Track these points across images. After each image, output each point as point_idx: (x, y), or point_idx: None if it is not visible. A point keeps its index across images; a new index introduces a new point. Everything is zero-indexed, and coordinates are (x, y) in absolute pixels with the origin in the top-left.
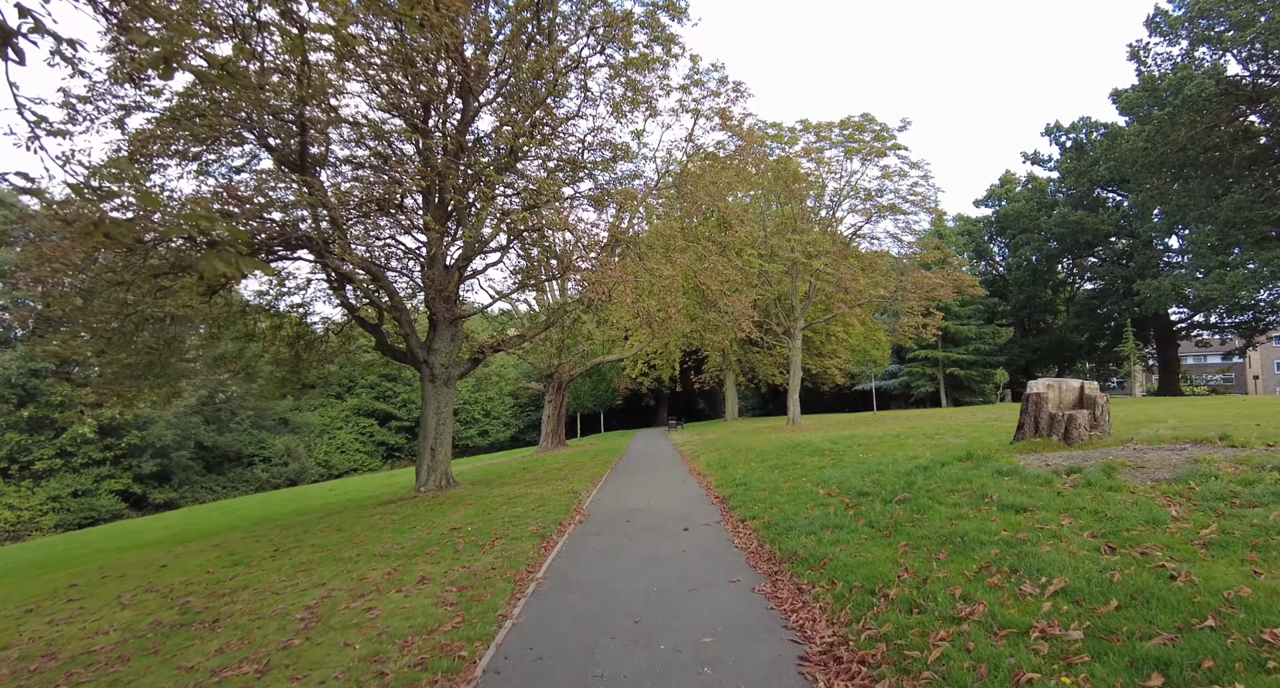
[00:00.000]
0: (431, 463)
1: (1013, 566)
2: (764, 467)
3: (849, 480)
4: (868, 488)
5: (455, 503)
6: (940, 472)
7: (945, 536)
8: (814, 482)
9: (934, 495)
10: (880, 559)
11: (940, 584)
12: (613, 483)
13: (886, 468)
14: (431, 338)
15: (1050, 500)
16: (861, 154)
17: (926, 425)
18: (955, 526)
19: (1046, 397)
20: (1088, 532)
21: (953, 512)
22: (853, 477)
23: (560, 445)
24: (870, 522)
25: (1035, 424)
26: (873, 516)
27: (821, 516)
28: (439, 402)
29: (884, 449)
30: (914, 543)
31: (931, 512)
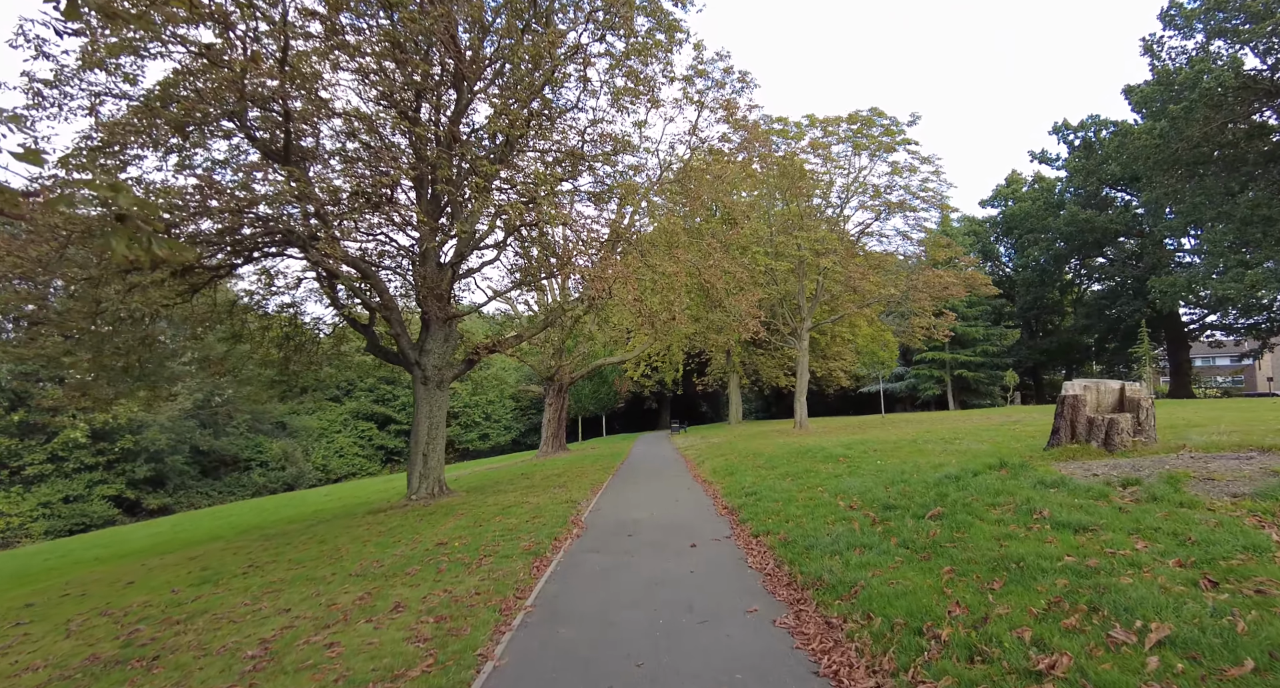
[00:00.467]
0: (423, 470)
1: (1091, 602)
2: (774, 474)
3: (871, 491)
4: (894, 500)
5: (446, 513)
6: (974, 482)
7: (996, 560)
8: (831, 492)
9: (973, 510)
10: (922, 588)
11: (1003, 624)
12: (614, 491)
13: (911, 477)
14: (424, 338)
15: (1113, 518)
16: (870, 150)
17: (942, 429)
18: (1006, 547)
19: (1084, 399)
20: (1173, 559)
21: (999, 530)
22: (875, 487)
23: (561, 450)
24: (904, 541)
25: (1072, 429)
26: (905, 533)
27: (845, 532)
28: (431, 405)
29: (902, 455)
30: (959, 568)
31: (974, 530)
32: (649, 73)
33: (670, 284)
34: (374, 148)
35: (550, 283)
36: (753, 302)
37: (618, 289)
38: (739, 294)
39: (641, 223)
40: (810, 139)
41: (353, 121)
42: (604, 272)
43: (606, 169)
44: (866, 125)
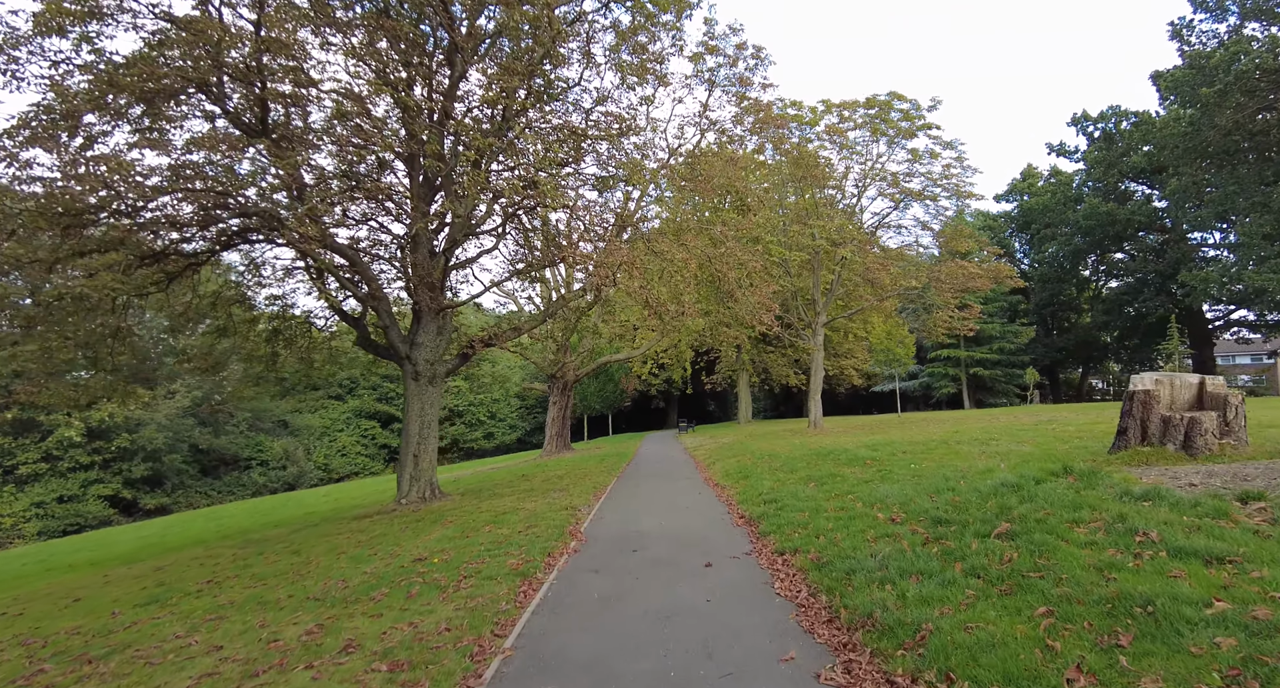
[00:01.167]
0: (414, 472)
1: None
2: (795, 479)
3: (914, 501)
4: (945, 513)
5: (434, 520)
6: (1039, 492)
7: (1108, 600)
8: (865, 501)
9: (1050, 528)
10: (1013, 638)
11: None
12: (618, 496)
13: (957, 484)
14: (415, 331)
15: (1255, 546)
16: (889, 136)
17: (970, 429)
18: (1115, 582)
19: (1157, 395)
20: None
21: (1095, 557)
22: (916, 495)
23: (565, 449)
24: (972, 567)
25: (1142, 429)
26: (970, 557)
27: (894, 554)
28: (423, 402)
29: (937, 458)
30: (1059, 609)
31: (1060, 554)
32: (656, 49)
33: (679, 272)
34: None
35: (553, 275)
36: (767, 293)
37: (622, 278)
38: (752, 286)
39: (649, 210)
40: (826, 124)
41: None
42: (607, 258)
43: (610, 151)
44: (885, 110)
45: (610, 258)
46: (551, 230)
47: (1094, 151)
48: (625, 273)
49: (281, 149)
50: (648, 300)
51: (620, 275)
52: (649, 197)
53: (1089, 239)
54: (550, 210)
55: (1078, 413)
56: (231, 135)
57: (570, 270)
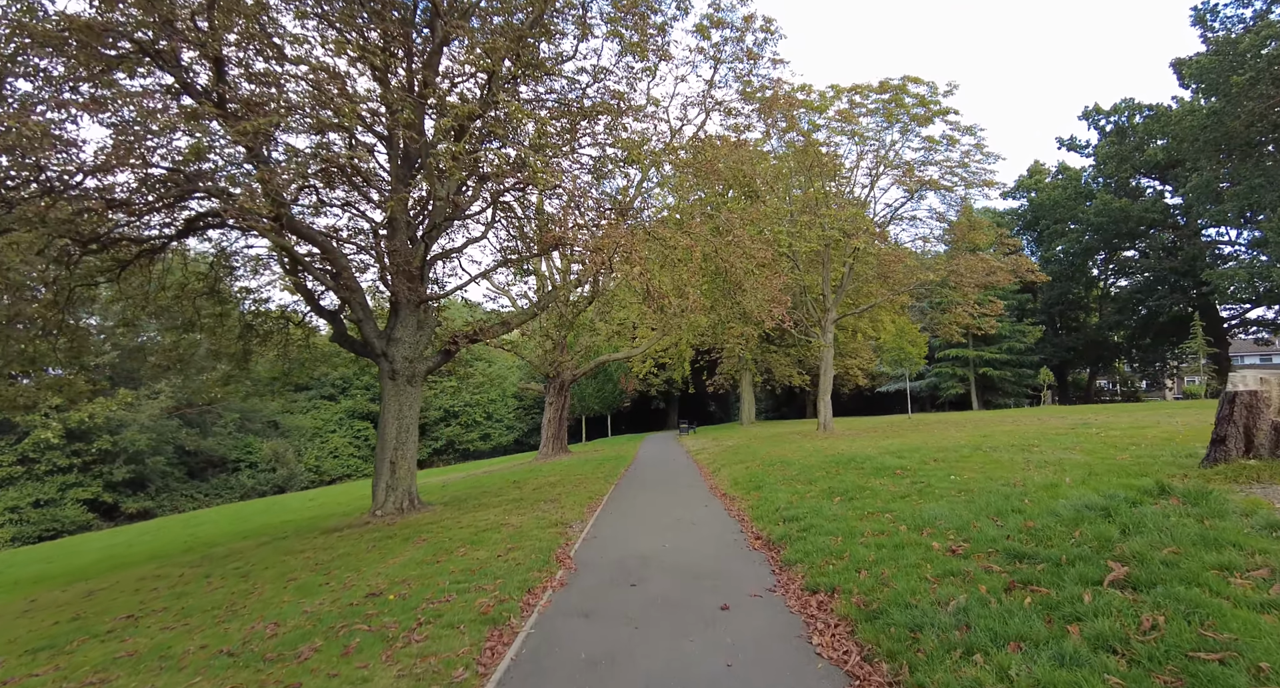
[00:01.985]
0: (391, 481)
1: None
2: (815, 492)
3: (974, 526)
4: (1020, 544)
5: (407, 537)
6: (1141, 518)
7: None
8: (910, 523)
9: (1191, 575)
10: None
11: None
12: (615, 508)
13: (1021, 504)
14: (392, 325)
15: None
16: (902, 123)
17: (998, 433)
18: None
19: (1266, 397)
20: None
21: None
22: (974, 518)
23: (562, 452)
24: (1098, 635)
25: (1247, 438)
26: (1087, 616)
27: (974, 604)
28: (400, 404)
29: (977, 468)
30: None
31: (1232, 623)
32: (659, 20)
33: (683, 260)
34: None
35: (548, 267)
36: (778, 286)
37: (620, 264)
38: (763, 277)
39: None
40: (837, 110)
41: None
42: (603, 241)
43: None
44: (900, 94)
45: (607, 241)
46: (543, 215)
47: (1106, 146)
48: (623, 258)
49: (237, 119)
50: (649, 290)
51: (618, 260)
52: (650, 182)
53: (1099, 236)
54: (542, 190)
55: (1108, 415)
56: (185, 106)
57: (566, 261)
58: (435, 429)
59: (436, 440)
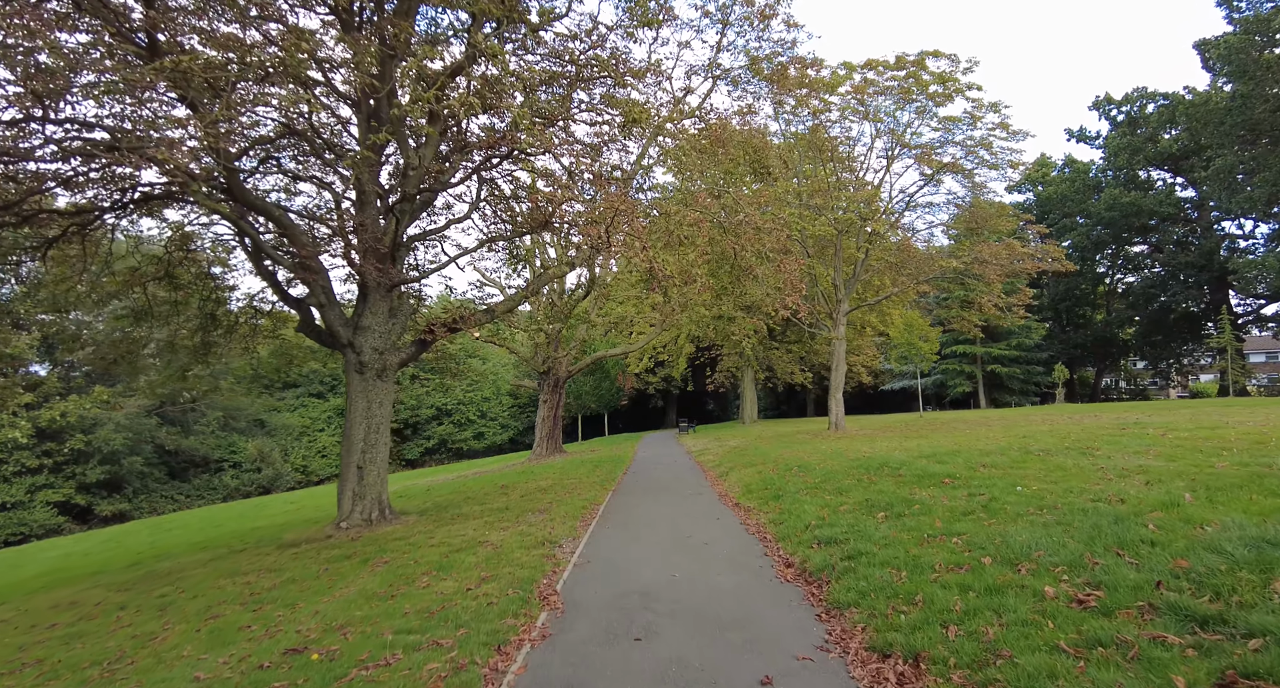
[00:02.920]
0: (358, 488)
1: None
2: (850, 504)
3: (1088, 559)
4: (1189, 599)
5: (366, 558)
6: None
7: None
8: (993, 553)
9: None
10: None
11: None
12: (612, 521)
13: (1148, 532)
14: (360, 311)
15: None
16: (919, 103)
17: (1037, 432)
18: None
19: None
20: None
21: None
22: (1083, 548)
23: (556, 452)
24: None
25: None
26: None
27: None
28: (369, 400)
29: (1040, 477)
30: None
31: None
32: None
33: (689, 235)
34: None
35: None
36: (794, 269)
37: (620, 244)
38: (775, 260)
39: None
40: (852, 85)
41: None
42: (597, 214)
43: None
44: (917, 70)
45: (605, 210)
46: (534, 187)
47: (1117, 137)
48: (623, 230)
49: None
50: (652, 269)
51: (617, 235)
52: (651, 158)
53: (1110, 230)
54: (532, 156)
55: (1146, 413)
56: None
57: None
58: (427, 428)
59: (429, 440)
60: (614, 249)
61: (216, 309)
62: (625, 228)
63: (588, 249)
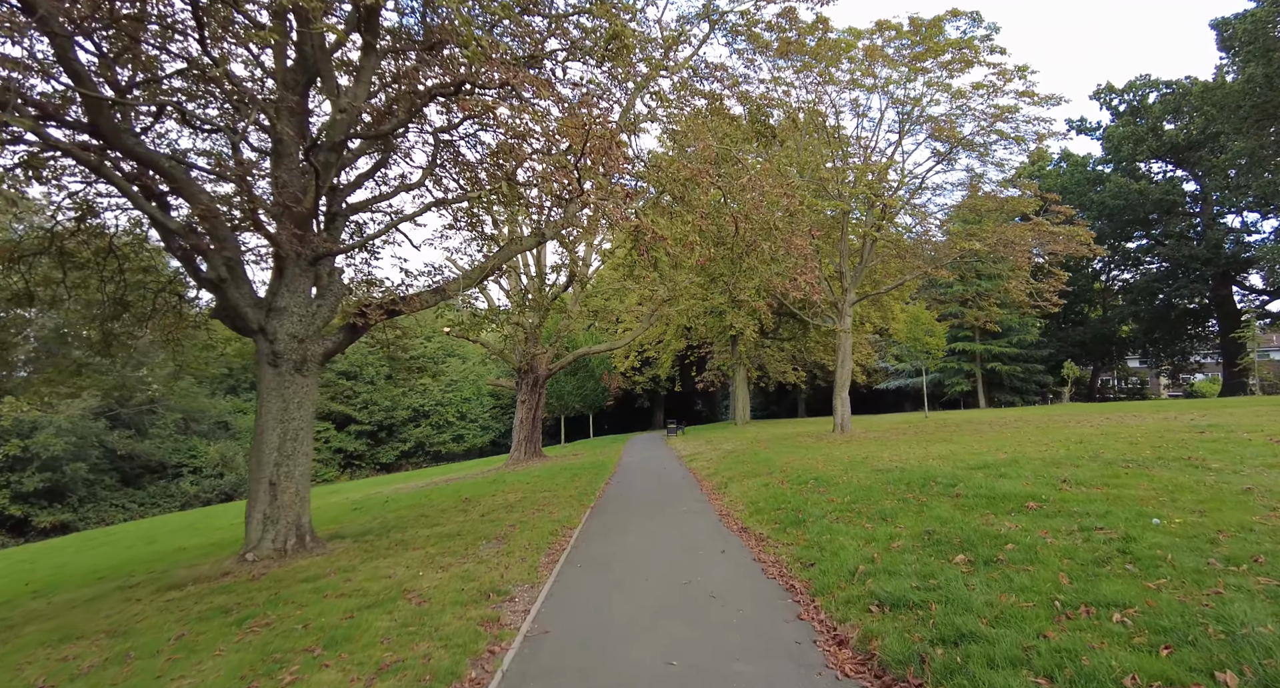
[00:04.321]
0: (270, 510)
1: None
2: (905, 538)
3: None
4: None
5: (245, 617)
6: None
7: None
8: (1201, 648)
9: None
10: None
11: None
12: (586, 556)
13: None
14: (276, 289)
15: None
16: (931, 75)
17: (1089, 436)
18: None
19: None
20: None
21: None
22: None
23: (535, 457)
24: None
25: None
26: None
27: None
28: (285, 400)
29: (1174, 503)
30: None
31: None
32: None
33: (684, 196)
34: None
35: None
36: (806, 243)
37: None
38: (785, 232)
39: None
40: (864, 46)
41: None
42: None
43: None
44: (933, 32)
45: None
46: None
47: (1119, 127)
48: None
49: None
50: (639, 230)
51: (590, 179)
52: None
53: (1111, 224)
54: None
55: (1199, 412)
56: None
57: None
58: (403, 430)
59: (405, 442)
60: (588, 199)
61: (126, 293)
62: (603, 167)
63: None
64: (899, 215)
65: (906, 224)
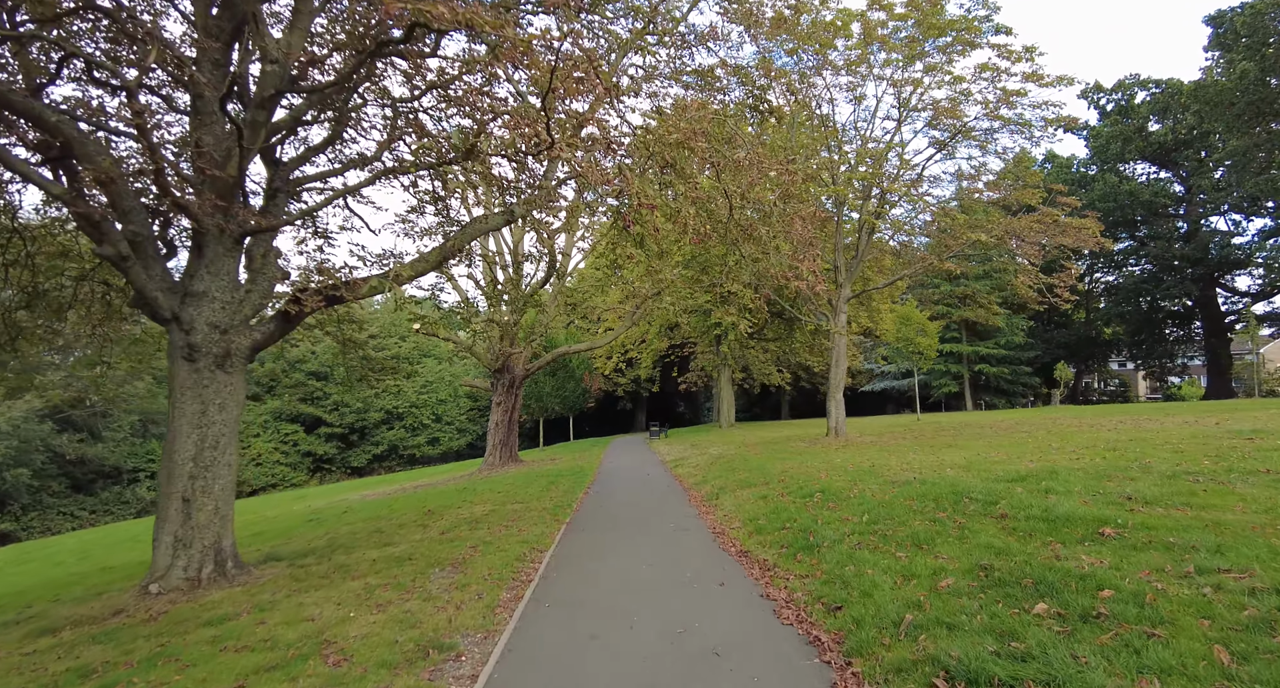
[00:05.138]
0: (183, 531)
1: None
2: (955, 573)
3: None
4: None
5: (115, 680)
6: None
7: None
8: None
9: None
10: None
11: None
12: (557, 592)
13: None
14: (194, 270)
15: None
16: (930, 61)
17: (1119, 442)
18: None
19: None
20: None
21: None
22: None
23: (510, 461)
24: None
25: None
26: None
27: None
28: (205, 400)
29: (1267, 527)
30: None
31: None
32: None
33: (677, 164)
34: None
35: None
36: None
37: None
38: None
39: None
40: (862, 24)
41: None
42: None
43: None
44: (933, 10)
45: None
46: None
47: (1107, 126)
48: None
49: None
50: (623, 192)
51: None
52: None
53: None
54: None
55: (1221, 416)
56: None
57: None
58: (376, 433)
59: (377, 446)
60: (559, 152)
61: (38, 280)
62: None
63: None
64: (898, 205)
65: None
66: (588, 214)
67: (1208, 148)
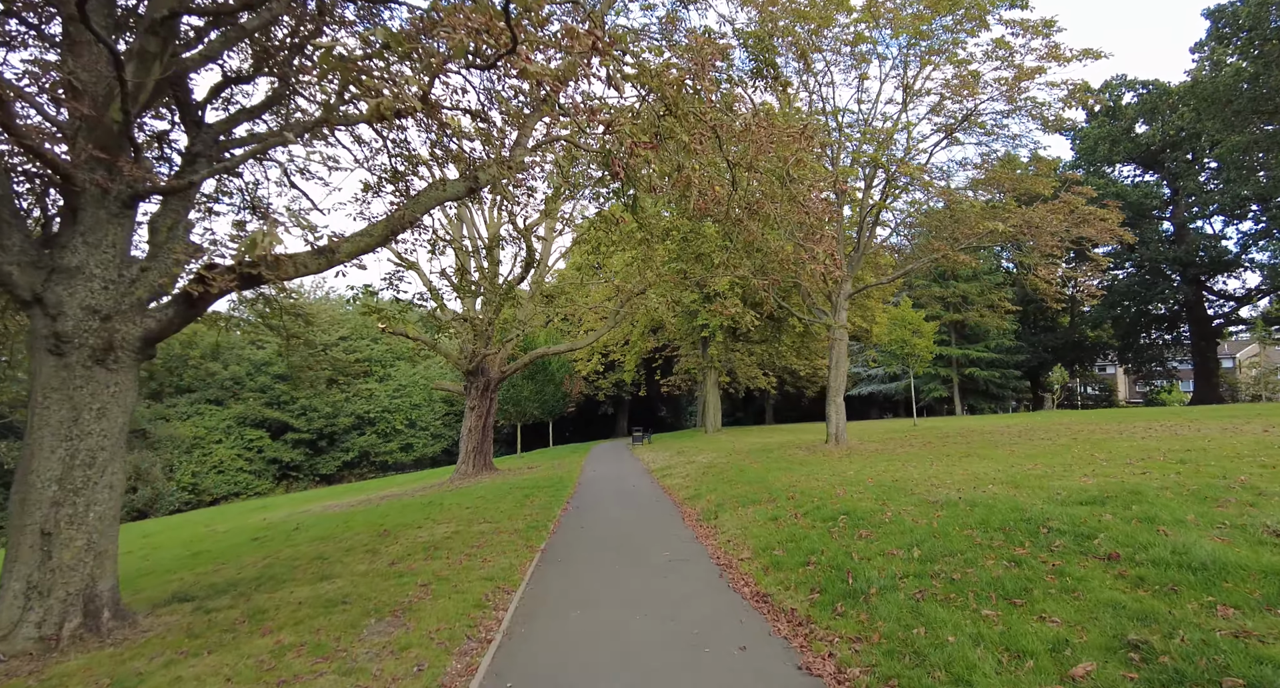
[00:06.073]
0: (40, 573)
1: None
2: (1096, 653)
3: None
4: None
5: None
6: None
7: None
8: None
9: None
10: None
11: None
12: (528, 650)
13: None
14: (66, 241)
15: None
16: (935, 41)
17: (1164, 449)
18: None
19: None
20: None
21: None
22: None
23: (485, 470)
24: None
25: None
26: None
27: None
28: (77, 406)
29: None
30: None
31: None
32: None
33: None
34: None
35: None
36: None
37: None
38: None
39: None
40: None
41: None
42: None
43: None
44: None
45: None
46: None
47: (1094, 128)
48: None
49: None
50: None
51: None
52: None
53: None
54: None
55: (1242, 420)
56: None
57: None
58: (346, 439)
59: (347, 452)
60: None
61: None
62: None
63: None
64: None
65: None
66: (570, 193)
67: (1195, 150)
